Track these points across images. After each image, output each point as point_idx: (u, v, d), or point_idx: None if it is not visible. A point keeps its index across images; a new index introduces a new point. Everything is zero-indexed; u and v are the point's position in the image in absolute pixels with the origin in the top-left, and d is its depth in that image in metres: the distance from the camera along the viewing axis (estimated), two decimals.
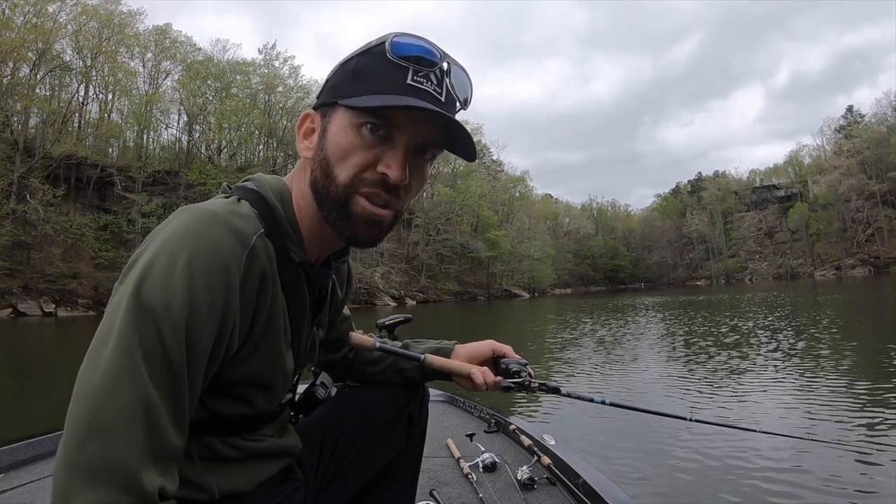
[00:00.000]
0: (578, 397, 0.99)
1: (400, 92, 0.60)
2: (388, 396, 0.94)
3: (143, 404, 0.50)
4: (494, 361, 0.97)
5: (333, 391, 0.92)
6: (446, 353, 0.98)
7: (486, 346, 0.98)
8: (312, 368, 0.93)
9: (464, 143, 0.65)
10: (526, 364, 0.94)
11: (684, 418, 1.00)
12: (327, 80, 0.67)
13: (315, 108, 0.68)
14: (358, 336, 0.96)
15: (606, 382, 5.18)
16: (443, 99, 0.63)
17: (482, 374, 0.91)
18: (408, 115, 0.61)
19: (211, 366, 0.57)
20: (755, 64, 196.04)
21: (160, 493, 0.50)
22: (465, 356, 0.97)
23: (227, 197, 0.65)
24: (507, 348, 0.98)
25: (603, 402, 0.98)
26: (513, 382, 0.91)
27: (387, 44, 0.62)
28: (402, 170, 0.62)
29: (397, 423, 0.93)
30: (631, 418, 3.62)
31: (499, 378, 0.92)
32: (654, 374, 5.39)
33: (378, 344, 0.94)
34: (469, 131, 0.63)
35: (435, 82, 0.63)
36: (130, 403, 0.49)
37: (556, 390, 0.93)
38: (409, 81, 0.61)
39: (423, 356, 0.93)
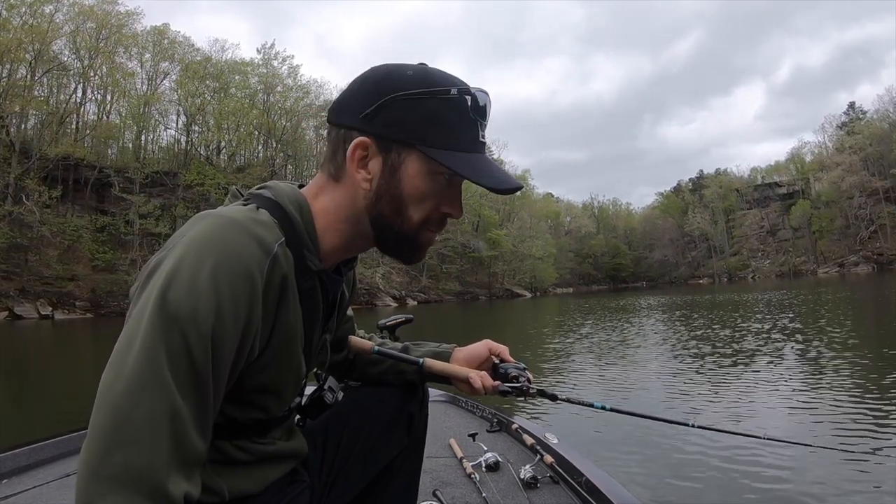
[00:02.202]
0: (578, 403, 0.97)
1: (474, 149, 0.66)
2: (389, 396, 0.95)
3: (169, 411, 0.50)
4: (493, 366, 0.97)
5: (340, 395, 0.94)
6: (445, 357, 0.98)
7: (482, 346, 0.98)
8: (319, 372, 0.94)
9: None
10: (525, 369, 0.93)
11: (687, 424, 0.97)
12: (382, 107, 0.64)
13: (366, 132, 0.65)
14: (357, 340, 0.96)
15: (610, 387, 5.00)
16: (486, 140, 0.70)
17: (480, 379, 0.91)
18: None
19: (233, 372, 0.58)
20: (756, 60, 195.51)
21: (185, 499, 0.51)
22: (464, 359, 0.97)
23: (244, 204, 0.66)
24: (503, 348, 0.98)
25: (603, 408, 0.96)
26: (510, 387, 0.90)
27: (469, 100, 0.65)
28: (462, 209, 0.70)
29: (398, 422, 0.94)
30: (633, 422, 3.48)
31: (497, 382, 0.91)
32: (657, 379, 5.20)
33: (377, 348, 0.94)
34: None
35: (485, 129, 0.68)
36: (156, 411, 0.50)
37: (553, 396, 0.92)
38: (480, 139, 0.67)
39: (421, 360, 0.93)
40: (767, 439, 1.01)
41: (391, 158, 0.65)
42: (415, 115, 0.64)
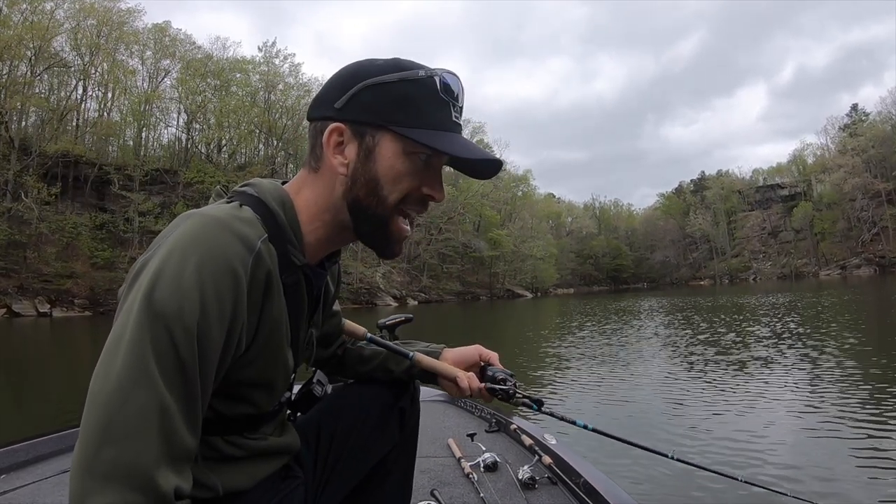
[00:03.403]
0: (561, 418, 0.97)
1: (448, 129, 0.68)
2: (380, 392, 0.96)
3: (158, 408, 0.51)
4: (481, 368, 0.98)
5: (329, 388, 0.95)
6: (434, 356, 0.99)
7: (473, 350, 0.99)
8: (311, 368, 0.96)
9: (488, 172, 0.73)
10: (512, 375, 0.94)
11: (666, 455, 0.98)
12: (355, 95, 0.66)
13: (340, 120, 0.67)
14: (351, 324, 0.97)
15: (604, 399, 4.73)
16: (461, 123, 0.71)
17: (467, 380, 0.92)
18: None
19: (220, 368, 0.59)
20: (759, 61, 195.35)
21: (176, 493, 0.52)
22: (453, 360, 0.98)
23: (227, 202, 0.67)
24: (493, 355, 0.99)
25: (585, 427, 0.96)
26: (499, 389, 0.91)
27: (438, 81, 0.67)
28: (444, 191, 0.71)
29: (390, 418, 0.95)
30: (636, 422, 3.46)
31: (483, 384, 0.92)
32: (657, 392, 4.87)
33: (369, 335, 0.96)
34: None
35: (459, 112, 0.70)
36: (145, 407, 0.51)
37: (540, 402, 0.92)
38: (453, 119, 0.68)
39: (411, 354, 0.95)
40: (744, 482, 0.98)
41: (366, 142, 0.67)
42: (386, 98, 0.66)
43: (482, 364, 0.98)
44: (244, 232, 0.60)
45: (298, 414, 0.91)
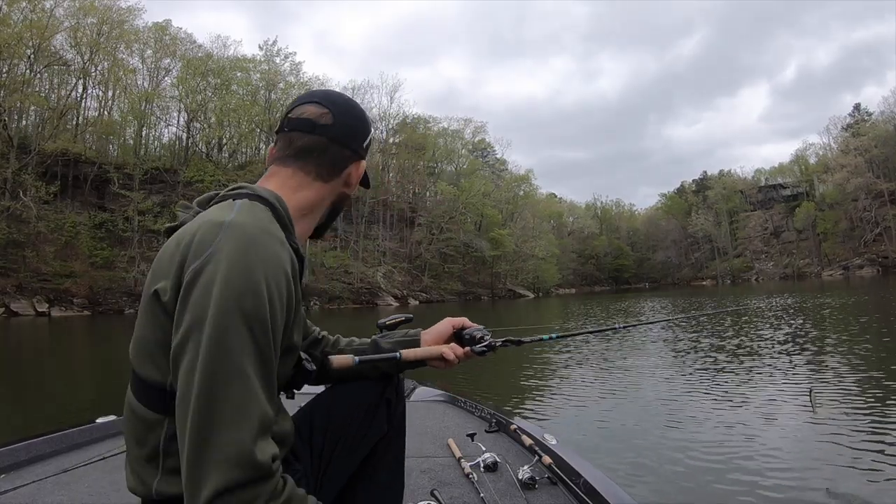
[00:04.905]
0: (531, 340, 1.14)
1: None
2: (366, 385, 1.01)
3: (253, 398, 0.63)
4: (457, 336, 1.06)
5: (313, 365, 0.95)
6: (416, 342, 1.06)
7: (445, 324, 1.08)
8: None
9: None
10: (485, 328, 1.04)
11: (615, 328, 1.41)
12: (370, 141, 0.93)
13: (363, 157, 0.92)
14: (338, 359, 0.99)
15: (607, 406, 4.39)
16: None
17: (452, 351, 1.01)
18: None
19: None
20: (762, 60, 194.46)
21: (272, 458, 0.64)
22: (432, 339, 1.06)
23: (234, 199, 0.77)
24: (463, 319, 1.08)
25: (551, 338, 1.21)
26: (484, 347, 1.00)
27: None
28: None
29: (377, 410, 1.00)
30: (636, 423, 3.54)
31: (467, 349, 1.01)
32: (657, 397, 4.69)
33: (357, 360, 0.98)
34: None
35: None
36: (244, 399, 0.62)
37: (518, 342, 1.08)
38: None
39: (398, 354, 0.99)
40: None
41: (361, 169, 0.92)
42: (370, 143, 0.93)
43: (456, 331, 1.07)
44: (279, 235, 0.73)
45: (294, 391, 0.94)
